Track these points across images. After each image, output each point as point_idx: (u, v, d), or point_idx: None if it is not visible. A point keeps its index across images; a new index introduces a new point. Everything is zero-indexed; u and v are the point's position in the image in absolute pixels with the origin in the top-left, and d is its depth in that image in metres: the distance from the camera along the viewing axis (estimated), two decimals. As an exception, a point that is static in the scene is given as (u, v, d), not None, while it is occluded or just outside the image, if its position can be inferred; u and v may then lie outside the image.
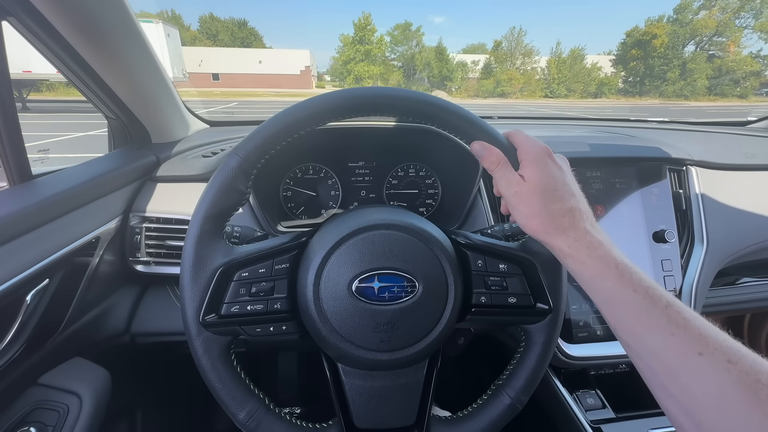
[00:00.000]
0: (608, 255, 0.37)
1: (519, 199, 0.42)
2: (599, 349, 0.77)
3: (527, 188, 0.41)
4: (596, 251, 0.38)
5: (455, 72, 41.22)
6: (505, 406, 0.46)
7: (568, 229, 0.39)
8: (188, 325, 0.43)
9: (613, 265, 0.36)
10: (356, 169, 0.95)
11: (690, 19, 38.62)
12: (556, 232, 0.40)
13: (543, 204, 0.40)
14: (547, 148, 0.43)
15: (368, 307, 0.42)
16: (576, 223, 0.39)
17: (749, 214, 0.92)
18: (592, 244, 0.38)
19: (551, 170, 0.41)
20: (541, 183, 0.41)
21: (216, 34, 46.50)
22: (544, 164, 0.42)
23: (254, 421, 0.42)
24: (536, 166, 0.42)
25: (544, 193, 0.40)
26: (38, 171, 0.67)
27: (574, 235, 0.39)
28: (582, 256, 0.38)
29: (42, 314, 0.58)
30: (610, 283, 0.36)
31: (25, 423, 0.57)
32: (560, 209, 0.40)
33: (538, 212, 0.40)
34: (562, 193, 0.41)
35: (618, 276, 0.36)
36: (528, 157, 0.43)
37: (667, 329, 0.32)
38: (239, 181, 0.43)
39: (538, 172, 0.41)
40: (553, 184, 0.41)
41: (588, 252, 0.38)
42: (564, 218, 0.40)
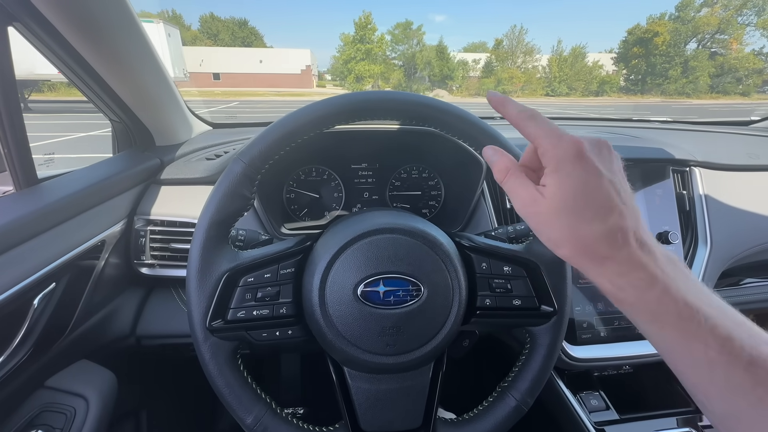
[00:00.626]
0: (665, 294, 0.28)
1: (539, 221, 0.33)
2: (603, 350, 0.77)
3: (547, 207, 0.31)
4: (649, 290, 0.29)
5: (456, 71, 41.18)
6: (511, 408, 0.47)
7: (608, 260, 0.30)
8: (195, 331, 0.43)
9: (674, 309, 0.28)
10: (359, 171, 0.95)
11: (692, 17, 38.47)
12: (592, 264, 0.31)
13: (570, 227, 0.31)
14: (578, 143, 0.31)
15: (374, 311, 0.42)
16: (618, 251, 0.30)
17: (753, 215, 0.92)
18: (642, 280, 0.29)
19: (584, 178, 0.30)
20: (564, 199, 0.31)
21: (216, 33, 46.51)
22: (571, 171, 0.31)
23: (261, 425, 0.43)
24: (560, 176, 0.31)
25: (573, 212, 0.30)
26: (44, 174, 0.68)
27: (617, 268, 0.30)
28: (631, 298, 0.30)
29: (49, 318, 0.58)
30: (671, 334, 0.28)
31: (33, 426, 0.58)
32: (595, 232, 0.30)
33: (566, 238, 0.31)
34: (598, 209, 0.30)
35: (681, 324, 0.27)
36: (551, 160, 0.32)
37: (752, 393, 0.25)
38: (244, 187, 0.43)
39: (562, 184, 0.31)
40: (583, 200, 0.30)
41: (637, 292, 0.29)
42: (601, 244, 0.30)
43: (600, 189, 0.30)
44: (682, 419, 0.72)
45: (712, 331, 0.26)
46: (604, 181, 0.31)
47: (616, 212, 0.30)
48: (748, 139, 1.18)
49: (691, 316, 0.27)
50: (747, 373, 0.25)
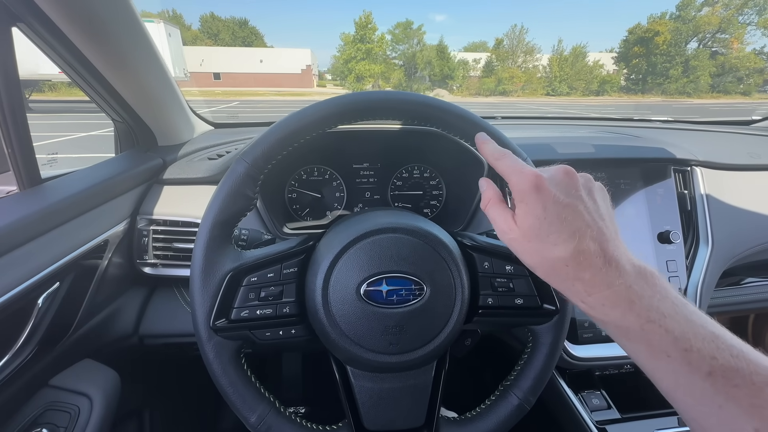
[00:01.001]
0: (629, 311, 0.30)
1: (514, 247, 0.36)
2: (604, 349, 0.77)
3: (518, 235, 0.35)
4: (614, 308, 0.31)
5: (457, 70, 41.15)
6: (513, 407, 0.47)
7: (575, 281, 0.32)
8: (199, 330, 0.43)
9: (637, 324, 0.30)
10: (361, 171, 0.95)
11: (693, 16, 38.41)
12: (563, 285, 0.34)
13: (538, 252, 0.34)
14: (535, 175, 0.34)
15: (376, 310, 0.42)
16: (582, 271, 0.32)
17: (754, 215, 0.92)
18: (607, 299, 0.31)
19: (542, 207, 0.33)
20: (530, 226, 0.34)
21: (217, 33, 46.52)
22: (531, 201, 0.34)
23: (265, 424, 0.43)
24: (525, 206, 0.34)
25: (536, 238, 0.34)
26: (47, 174, 0.68)
27: (583, 287, 0.32)
28: (599, 314, 0.32)
29: (53, 317, 0.58)
30: (638, 347, 0.30)
31: (37, 424, 0.58)
32: (561, 257, 0.32)
33: (537, 261, 0.35)
34: (558, 235, 0.32)
35: (645, 337, 0.29)
36: (517, 194, 0.35)
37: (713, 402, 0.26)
38: (247, 187, 0.44)
39: (526, 214, 0.34)
40: (546, 227, 0.33)
41: (604, 310, 0.31)
42: (566, 267, 0.32)
43: (559, 216, 0.33)
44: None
45: (675, 343, 0.28)
46: (564, 209, 0.33)
47: (577, 236, 0.32)
48: (749, 139, 1.18)
49: (653, 330, 0.29)
50: (706, 382, 0.27)
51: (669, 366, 0.28)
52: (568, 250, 0.32)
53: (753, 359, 0.27)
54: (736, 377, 0.26)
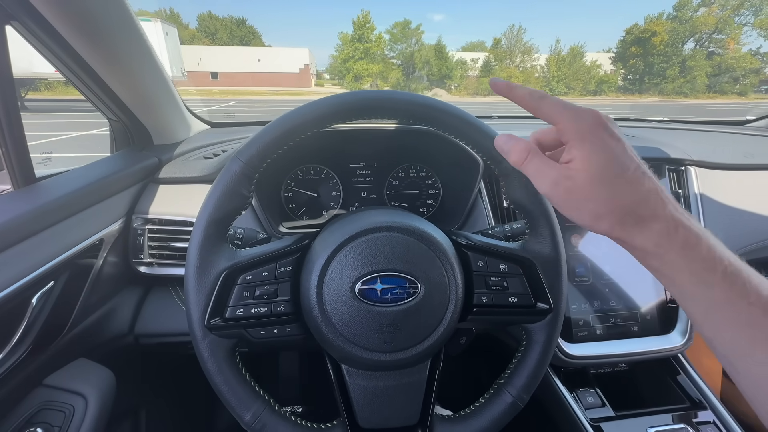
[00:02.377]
0: (712, 252, 0.29)
1: (574, 194, 0.32)
2: (599, 348, 0.77)
3: (585, 180, 0.31)
4: (695, 248, 0.29)
5: (455, 70, 41.13)
6: (507, 404, 0.47)
7: (650, 221, 0.30)
8: (193, 329, 0.43)
9: (720, 267, 0.28)
10: (357, 170, 0.95)
11: (689, 17, 38.56)
12: (636, 228, 0.30)
13: (611, 194, 0.30)
14: (597, 114, 0.32)
15: (371, 308, 0.42)
16: (659, 211, 0.30)
17: (748, 214, 0.93)
18: (688, 241, 0.29)
19: (610, 147, 0.30)
20: (601, 168, 0.30)
21: (214, 32, 46.34)
22: (599, 141, 0.31)
23: (260, 422, 0.43)
24: (590, 145, 0.31)
25: (611, 179, 0.30)
26: (42, 173, 0.68)
27: (659, 228, 0.30)
28: (675, 255, 0.29)
29: (47, 316, 0.58)
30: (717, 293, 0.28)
31: (31, 424, 0.58)
32: (635, 196, 0.30)
33: (606, 207, 0.31)
34: (633, 174, 0.30)
35: (727, 283, 0.28)
36: (575, 134, 0.31)
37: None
38: (242, 185, 0.44)
39: (594, 155, 0.30)
40: (619, 165, 0.30)
41: (683, 252, 0.29)
42: (643, 207, 0.30)
43: (627, 155, 0.31)
44: (677, 416, 0.73)
45: (758, 290, 0.27)
46: (628, 148, 0.31)
47: (647, 175, 0.31)
48: (744, 139, 1.19)
49: (737, 273, 0.28)
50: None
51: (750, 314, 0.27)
52: (644, 189, 0.30)
53: None
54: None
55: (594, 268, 0.81)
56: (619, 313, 0.79)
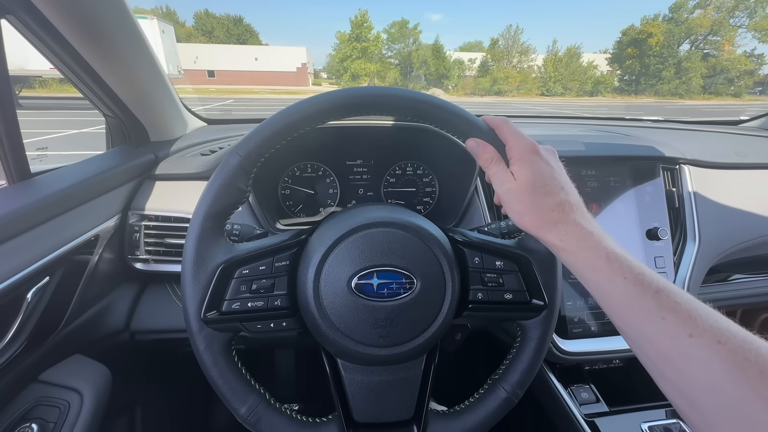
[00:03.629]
0: (599, 245, 0.38)
1: (510, 196, 0.43)
2: (593, 344, 0.78)
3: (517, 186, 0.42)
4: (587, 242, 0.38)
5: (452, 70, 41.16)
6: (501, 400, 0.47)
7: (559, 223, 0.40)
8: (190, 322, 0.43)
9: (603, 254, 0.37)
10: (354, 168, 0.96)
11: (685, 18, 38.80)
12: (547, 227, 0.41)
13: (533, 200, 0.41)
14: (533, 143, 0.44)
15: (367, 303, 0.42)
16: (566, 216, 0.40)
17: (740, 212, 0.94)
18: (583, 236, 0.39)
19: (539, 166, 0.42)
20: (529, 180, 0.41)
21: (211, 30, 46.08)
22: (531, 161, 0.42)
23: (255, 415, 0.43)
24: (524, 164, 0.42)
25: (534, 189, 0.41)
26: (37, 169, 0.67)
27: (565, 228, 0.40)
28: (573, 248, 0.39)
29: (42, 312, 0.58)
30: (601, 273, 0.37)
31: (26, 420, 0.58)
32: (550, 204, 0.41)
33: (529, 209, 0.41)
34: (551, 188, 0.41)
35: (608, 265, 0.36)
36: (516, 154, 0.43)
37: (657, 314, 0.32)
38: (240, 180, 0.44)
39: (526, 170, 0.42)
40: (541, 180, 0.41)
41: (578, 243, 0.39)
42: (554, 213, 0.40)
43: (552, 174, 0.42)
44: (670, 411, 0.74)
45: (630, 269, 0.35)
46: (554, 169, 0.43)
47: (562, 191, 0.42)
48: (737, 138, 1.20)
49: (615, 259, 0.36)
50: (653, 299, 0.33)
51: (624, 287, 0.35)
52: (557, 200, 0.41)
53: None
54: (677, 295, 0.33)
55: (589, 266, 0.81)
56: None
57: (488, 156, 0.45)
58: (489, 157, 0.45)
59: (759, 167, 1.01)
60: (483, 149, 0.45)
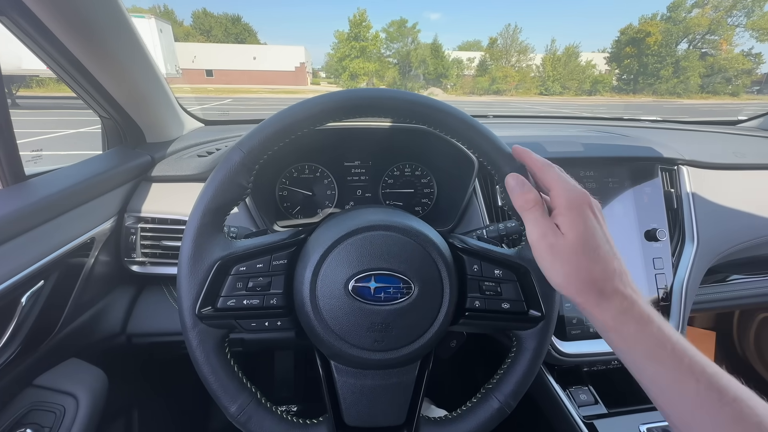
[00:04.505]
0: (661, 332, 0.32)
1: (554, 254, 0.36)
2: (592, 346, 0.78)
3: (566, 244, 0.35)
4: (647, 327, 0.32)
5: (451, 69, 41.15)
6: (494, 410, 0.47)
7: (613, 297, 0.33)
8: (184, 317, 0.43)
9: (669, 346, 0.31)
10: (352, 169, 0.95)
11: (683, 17, 38.90)
12: (598, 300, 0.34)
13: (582, 264, 0.34)
14: (586, 194, 0.37)
15: (363, 306, 0.42)
16: (621, 290, 0.33)
17: (739, 213, 0.94)
18: (642, 318, 0.32)
19: (592, 223, 0.35)
20: (580, 239, 0.35)
21: (209, 29, 45.96)
22: (584, 215, 0.35)
23: (245, 414, 0.43)
24: (576, 217, 0.35)
25: (585, 251, 0.34)
26: (31, 171, 0.67)
27: (620, 305, 0.33)
28: (630, 332, 0.33)
29: (37, 316, 0.57)
30: (666, 369, 0.31)
31: (21, 424, 0.57)
32: (604, 272, 0.34)
33: (576, 274, 0.34)
34: (605, 252, 0.34)
35: (676, 360, 0.30)
36: (564, 203, 0.36)
37: (735, 430, 0.27)
38: (241, 176, 0.43)
39: (578, 225, 0.35)
40: (594, 242, 0.34)
41: (638, 328, 0.32)
42: (608, 283, 0.34)
43: (604, 236, 0.36)
44: (668, 413, 0.74)
45: (702, 369, 0.30)
46: (603, 230, 0.36)
47: (616, 257, 0.35)
48: (735, 139, 1.20)
49: (683, 353, 0.31)
50: (731, 408, 0.28)
51: (697, 391, 0.30)
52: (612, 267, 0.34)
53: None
54: (760, 406, 0.28)
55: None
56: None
57: (530, 198, 0.38)
58: (531, 199, 0.38)
59: (757, 168, 1.01)
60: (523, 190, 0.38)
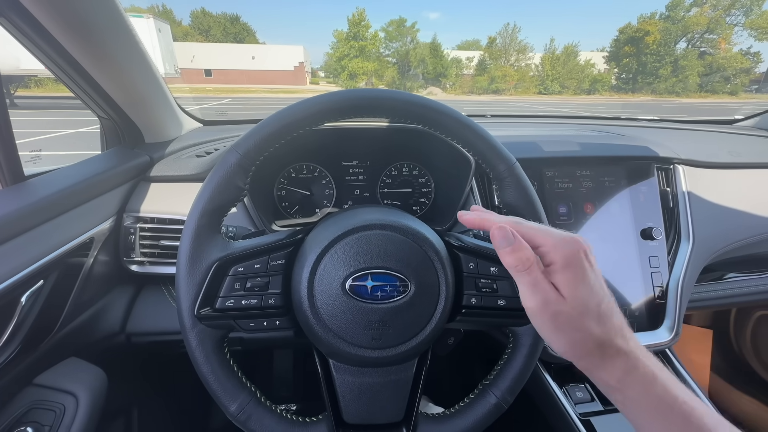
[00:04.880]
0: (667, 392, 0.30)
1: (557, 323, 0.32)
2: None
3: (569, 311, 0.31)
4: (653, 387, 0.30)
5: (450, 68, 41.11)
6: (491, 406, 0.47)
7: (616, 358, 0.31)
8: (183, 318, 0.43)
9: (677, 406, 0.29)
10: (350, 168, 0.96)
11: (682, 16, 38.93)
12: (603, 362, 0.31)
13: (588, 329, 0.31)
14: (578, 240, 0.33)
15: (361, 305, 0.43)
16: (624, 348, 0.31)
17: (734, 212, 0.95)
18: (647, 378, 0.30)
19: (591, 277, 0.32)
20: (584, 301, 0.31)
21: (208, 29, 45.88)
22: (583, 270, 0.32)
23: (245, 413, 0.43)
24: (576, 274, 0.32)
25: (590, 313, 0.31)
26: (30, 171, 0.67)
27: (624, 365, 0.31)
28: (635, 393, 0.31)
29: (37, 315, 0.58)
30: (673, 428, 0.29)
31: (21, 423, 0.58)
32: (606, 334, 0.31)
33: (583, 342, 0.31)
34: (609, 308, 0.32)
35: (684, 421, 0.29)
36: (561, 260, 0.32)
37: None
38: (238, 178, 0.44)
39: (578, 284, 0.31)
40: (597, 299, 0.31)
41: (643, 389, 0.30)
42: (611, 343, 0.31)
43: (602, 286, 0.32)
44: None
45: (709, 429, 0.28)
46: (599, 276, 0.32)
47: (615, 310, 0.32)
48: (731, 138, 1.21)
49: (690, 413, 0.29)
50: None
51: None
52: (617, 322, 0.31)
53: None
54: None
55: (584, 266, 0.82)
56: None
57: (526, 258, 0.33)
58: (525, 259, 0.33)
59: (752, 167, 1.02)
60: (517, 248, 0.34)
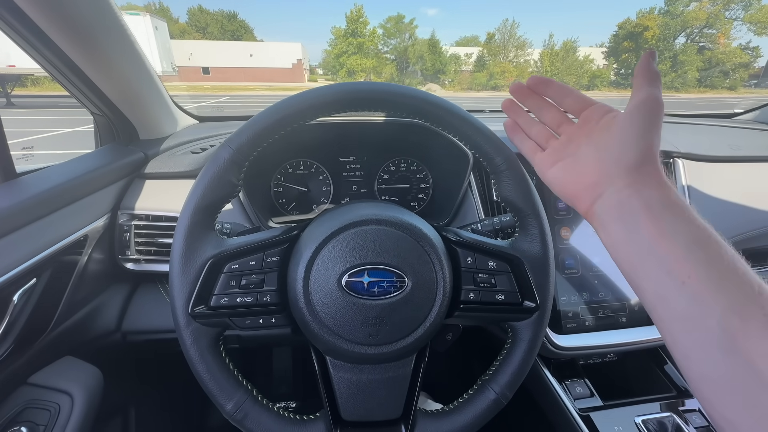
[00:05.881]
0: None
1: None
2: (588, 339, 0.78)
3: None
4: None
5: (448, 65, 40.99)
6: (491, 401, 0.47)
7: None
8: (177, 316, 0.42)
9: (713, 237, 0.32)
10: (347, 164, 0.95)
11: (681, 11, 38.83)
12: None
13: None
14: None
15: (357, 301, 0.42)
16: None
17: (734, 206, 0.94)
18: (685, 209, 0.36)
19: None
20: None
21: (205, 26, 45.63)
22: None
23: (241, 412, 0.42)
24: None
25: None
26: (22, 169, 0.66)
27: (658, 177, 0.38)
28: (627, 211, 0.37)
29: (30, 314, 0.57)
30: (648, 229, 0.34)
31: (15, 423, 0.57)
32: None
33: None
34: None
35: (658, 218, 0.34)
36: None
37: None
38: (231, 173, 0.43)
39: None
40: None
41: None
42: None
43: None
44: (664, 404, 0.74)
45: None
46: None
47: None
48: (730, 131, 1.20)
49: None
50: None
51: None
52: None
53: None
54: None
55: (583, 261, 0.81)
56: (608, 304, 0.80)
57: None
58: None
59: (752, 160, 1.01)
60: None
